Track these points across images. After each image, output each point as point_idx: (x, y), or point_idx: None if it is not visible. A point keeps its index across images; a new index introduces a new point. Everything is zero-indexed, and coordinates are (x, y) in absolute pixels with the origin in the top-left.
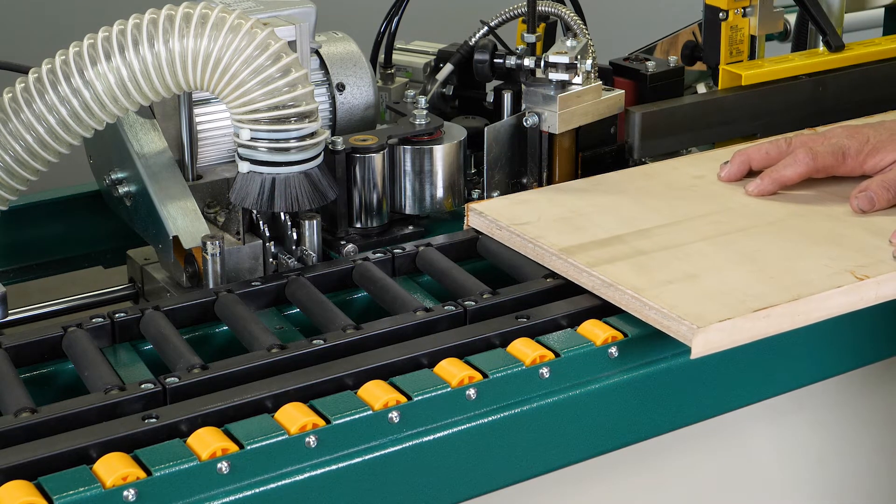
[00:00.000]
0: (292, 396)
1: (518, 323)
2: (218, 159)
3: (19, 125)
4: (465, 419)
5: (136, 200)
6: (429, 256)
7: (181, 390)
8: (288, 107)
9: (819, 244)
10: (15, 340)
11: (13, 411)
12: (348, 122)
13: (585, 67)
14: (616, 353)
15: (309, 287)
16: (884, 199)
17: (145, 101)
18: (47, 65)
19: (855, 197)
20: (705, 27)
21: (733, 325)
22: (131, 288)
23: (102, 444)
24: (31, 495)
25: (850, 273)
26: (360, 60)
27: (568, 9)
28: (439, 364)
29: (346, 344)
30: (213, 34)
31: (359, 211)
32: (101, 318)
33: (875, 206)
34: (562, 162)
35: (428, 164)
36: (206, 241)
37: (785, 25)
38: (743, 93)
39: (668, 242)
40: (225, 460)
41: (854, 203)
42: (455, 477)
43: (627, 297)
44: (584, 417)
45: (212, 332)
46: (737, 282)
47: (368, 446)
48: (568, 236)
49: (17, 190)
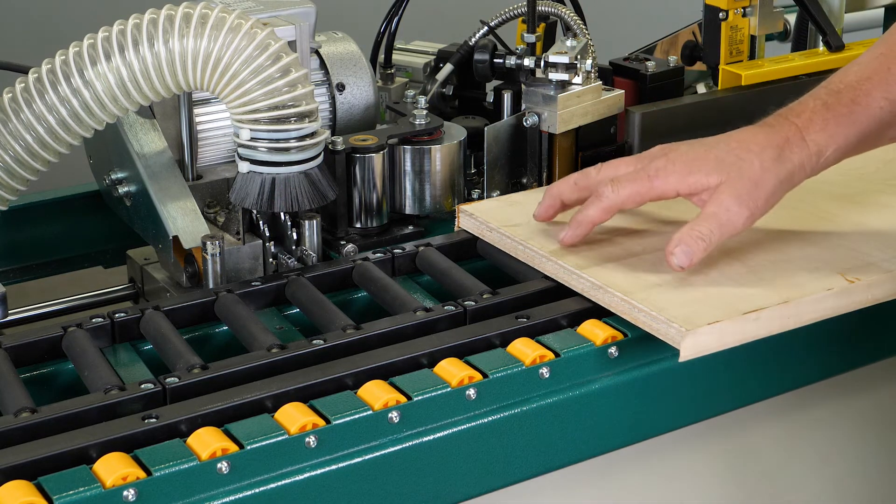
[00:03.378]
0: (292, 396)
1: (518, 323)
2: (218, 159)
3: (19, 125)
4: (465, 419)
5: (136, 200)
6: (429, 256)
7: (181, 390)
8: (288, 107)
9: (809, 246)
10: (15, 340)
11: (13, 411)
12: (348, 122)
13: (585, 67)
14: (616, 353)
15: (309, 287)
16: (699, 249)
17: (145, 101)
18: (47, 65)
19: (671, 254)
20: (705, 27)
21: (722, 328)
22: (131, 288)
23: (102, 444)
24: (31, 495)
25: (841, 276)
26: (360, 60)
27: (568, 9)
28: (439, 364)
29: (346, 344)
30: (213, 34)
31: (359, 211)
32: (101, 318)
33: (694, 260)
34: (562, 162)
35: (428, 164)
36: (206, 241)
37: (785, 25)
38: (743, 93)
39: (659, 244)
40: (225, 460)
41: (672, 261)
42: (455, 477)
43: (617, 300)
44: (584, 417)
45: (212, 332)
46: (726, 284)
47: (368, 446)
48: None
49: (16, 190)
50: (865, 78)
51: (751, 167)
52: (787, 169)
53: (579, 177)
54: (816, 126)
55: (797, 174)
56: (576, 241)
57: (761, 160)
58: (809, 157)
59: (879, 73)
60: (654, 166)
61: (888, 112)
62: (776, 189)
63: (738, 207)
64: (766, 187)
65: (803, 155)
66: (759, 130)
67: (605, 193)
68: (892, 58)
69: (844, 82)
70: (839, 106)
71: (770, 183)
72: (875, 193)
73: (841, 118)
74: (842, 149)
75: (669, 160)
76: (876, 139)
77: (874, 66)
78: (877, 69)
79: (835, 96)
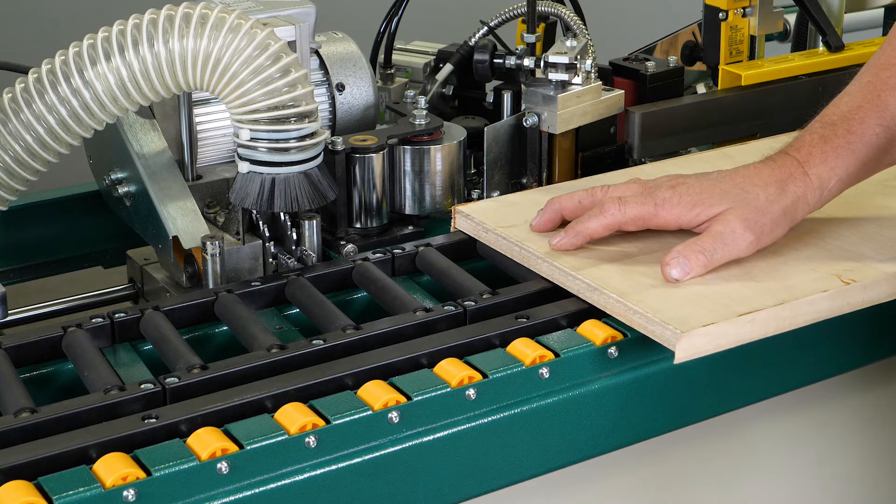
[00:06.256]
0: (292, 396)
1: (518, 323)
2: (218, 159)
3: (19, 125)
4: (465, 419)
5: (136, 200)
6: (428, 256)
7: (181, 390)
8: (288, 107)
9: (805, 248)
10: (15, 340)
11: (13, 411)
12: (348, 122)
13: (585, 67)
14: (616, 353)
15: (309, 287)
16: (698, 264)
17: (145, 102)
18: (47, 65)
19: (666, 264)
20: (705, 27)
21: (717, 330)
22: (131, 288)
23: (102, 444)
24: (31, 495)
25: (836, 277)
26: (360, 60)
27: (568, 9)
28: (439, 364)
29: (345, 344)
30: (212, 34)
31: (358, 211)
32: (101, 318)
33: (689, 273)
34: (561, 162)
35: (428, 164)
36: (206, 242)
37: (785, 25)
38: (743, 93)
39: (654, 246)
40: (225, 460)
41: (666, 271)
42: (455, 477)
43: (612, 301)
44: (584, 417)
45: (212, 332)
46: (722, 286)
47: (368, 446)
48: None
49: (16, 190)
50: (857, 107)
51: (756, 199)
52: (790, 201)
53: (584, 195)
54: (816, 159)
55: (801, 207)
56: (568, 249)
57: (766, 193)
58: (812, 190)
59: (870, 100)
60: (661, 195)
61: (884, 139)
62: (780, 219)
63: (744, 231)
64: (771, 215)
65: (806, 188)
66: (763, 166)
67: (611, 210)
68: (881, 85)
69: (837, 114)
70: (835, 138)
71: (775, 212)
72: (870, 195)
73: (839, 149)
74: (843, 179)
75: (676, 193)
76: (875, 165)
77: (864, 95)
78: (866, 97)
79: (830, 129)
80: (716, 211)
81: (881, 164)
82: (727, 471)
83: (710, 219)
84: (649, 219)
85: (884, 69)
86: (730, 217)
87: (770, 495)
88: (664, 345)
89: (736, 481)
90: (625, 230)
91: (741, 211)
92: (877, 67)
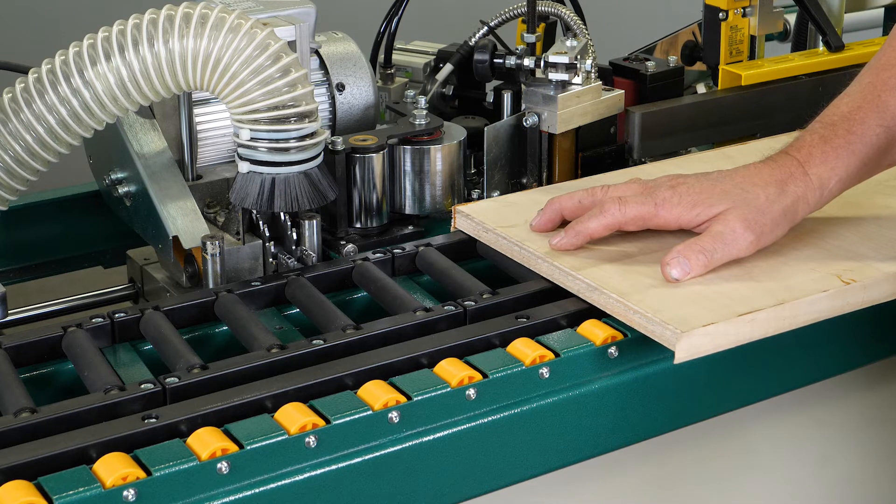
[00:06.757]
0: (292, 396)
1: (518, 323)
2: (218, 159)
3: (19, 125)
4: (465, 419)
5: (136, 200)
6: (428, 256)
7: (181, 390)
8: (288, 107)
9: (805, 248)
10: (15, 340)
11: (13, 411)
12: (348, 122)
13: (585, 67)
14: (616, 353)
15: (309, 287)
16: (699, 264)
17: (145, 101)
18: (47, 65)
19: (666, 264)
20: (705, 27)
21: (717, 330)
22: (131, 288)
23: (102, 444)
24: (31, 495)
25: (837, 277)
26: (360, 60)
27: (568, 9)
28: (439, 364)
29: (345, 344)
30: (212, 34)
31: (358, 211)
32: (101, 318)
33: (690, 273)
34: (561, 162)
35: (428, 164)
36: (206, 241)
37: (785, 25)
38: (743, 93)
39: (654, 246)
40: (225, 460)
41: (666, 270)
42: (455, 477)
43: (612, 301)
44: (584, 417)
45: (212, 332)
46: (722, 286)
47: (368, 446)
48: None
49: (16, 190)
50: (857, 107)
51: (756, 199)
52: (790, 200)
53: (584, 195)
54: (817, 160)
55: (801, 206)
56: (568, 249)
57: (766, 193)
58: (812, 190)
59: (870, 101)
60: (661, 195)
61: (884, 139)
62: (781, 219)
63: (744, 230)
64: (771, 215)
65: (806, 188)
66: (763, 166)
67: (611, 210)
68: (881, 86)
69: (837, 114)
70: (836, 138)
71: (775, 212)
72: (870, 195)
73: (840, 150)
74: (844, 179)
75: (677, 192)
76: (875, 166)
77: (864, 95)
78: (867, 97)
79: (830, 129)
80: (716, 211)
81: (881, 164)
82: (727, 471)
83: (711, 219)
84: (649, 219)
85: (884, 70)
86: (730, 217)
87: (770, 495)
88: (664, 345)
89: (736, 481)
90: (625, 230)
91: (741, 211)
92: (877, 68)
